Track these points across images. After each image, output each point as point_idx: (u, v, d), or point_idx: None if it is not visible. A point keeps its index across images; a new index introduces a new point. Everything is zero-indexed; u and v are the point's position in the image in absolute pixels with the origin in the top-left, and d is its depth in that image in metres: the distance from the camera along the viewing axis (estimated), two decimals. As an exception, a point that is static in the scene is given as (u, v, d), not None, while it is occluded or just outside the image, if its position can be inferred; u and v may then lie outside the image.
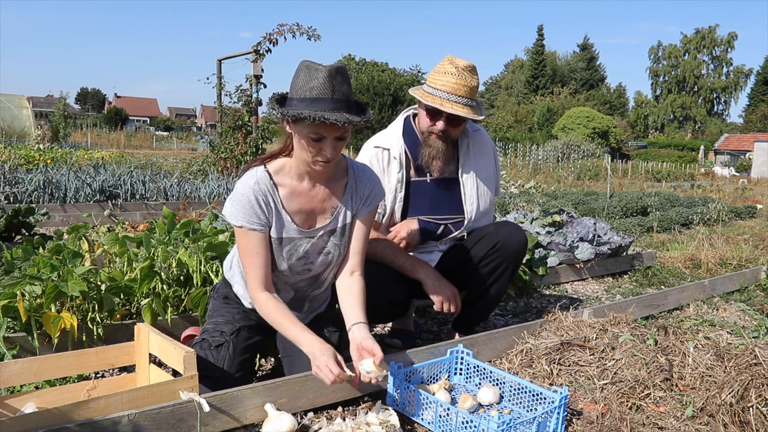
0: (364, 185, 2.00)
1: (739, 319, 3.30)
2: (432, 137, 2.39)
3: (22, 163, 8.80)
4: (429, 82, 2.36)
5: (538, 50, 59.62)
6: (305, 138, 1.75)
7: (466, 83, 2.29)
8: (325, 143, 1.76)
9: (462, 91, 2.28)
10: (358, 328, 1.87)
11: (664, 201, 8.89)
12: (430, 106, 2.31)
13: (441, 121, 2.34)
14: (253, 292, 1.88)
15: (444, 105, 2.28)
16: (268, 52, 8.82)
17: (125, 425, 1.53)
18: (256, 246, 1.85)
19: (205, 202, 6.75)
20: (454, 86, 2.28)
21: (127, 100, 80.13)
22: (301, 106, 1.72)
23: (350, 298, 1.95)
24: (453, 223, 2.51)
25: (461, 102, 2.29)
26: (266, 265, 1.87)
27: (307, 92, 1.72)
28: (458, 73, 2.29)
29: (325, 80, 1.72)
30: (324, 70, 1.72)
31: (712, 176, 21.99)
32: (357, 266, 2.01)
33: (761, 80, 57.42)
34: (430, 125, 2.37)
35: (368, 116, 1.79)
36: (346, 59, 43.59)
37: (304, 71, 1.75)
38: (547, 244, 4.20)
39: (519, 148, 25.21)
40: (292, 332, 1.83)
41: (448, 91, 2.28)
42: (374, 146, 2.47)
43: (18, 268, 2.44)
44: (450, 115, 2.32)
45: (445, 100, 2.29)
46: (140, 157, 13.96)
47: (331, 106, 1.72)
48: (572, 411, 2.00)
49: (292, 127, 1.79)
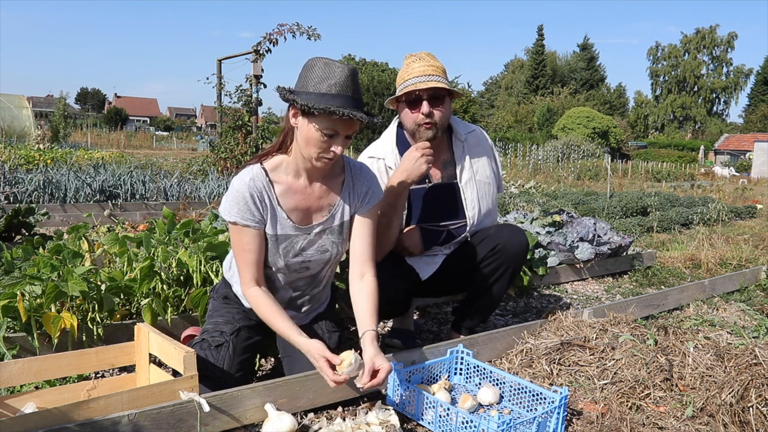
0: (361, 183, 2.00)
1: (739, 319, 3.30)
2: (421, 129, 2.34)
3: (22, 163, 8.80)
4: (398, 83, 2.37)
5: (538, 50, 59.63)
6: (317, 133, 1.75)
7: (431, 64, 2.31)
8: (336, 140, 1.78)
9: (430, 70, 2.29)
10: (368, 339, 1.84)
11: (664, 201, 8.89)
12: (405, 92, 2.29)
13: (424, 104, 2.29)
14: (245, 287, 1.89)
15: (418, 85, 2.27)
16: (268, 52, 8.82)
17: (125, 425, 1.53)
18: (249, 242, 1.85)
19: (205, 202, 6.75)
20: (421, 69, 2.29)
21: (127, 100, 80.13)
22: (322, 100, 1.72)
23: (361, 303, 1.94)
24: (456, 228, 2.50)
25: (434, 79, 2.28)
26: (258, 261, 1.88)
27: (326, 87, 1.72)
28: (420, 59, 2.32)
29: (347, 78, 1.74)
30: (345, 68, 1.75)
31: (712, 176, 22.00)
32: (366, 267, 1.99)
33: (761, 80, 57.44)
34: (415, 116, 2.33)
35: (379, 118, 1.84)
36: (346, 59, 43.54)
37: (321, 66, 1.75)
38: (547, 244, 4.20)
39: (519, 148, 25.22)
40: (281, 327, 1.83)
41: (417, 75, 2.28)
42: (369, 157, 2.44)
43: (18, 268, 2.44)
44: (430, 95, 2.29)
45: (418, 81, 2.28)
46: (140, 157, 13.96)
47: (352, 104, 1.74)
48: (572, 411, 2.00)
49: (301, 121, 1.78)
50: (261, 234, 1.87)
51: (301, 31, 8.68)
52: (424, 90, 2.27)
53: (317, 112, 1.71)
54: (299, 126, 1.79)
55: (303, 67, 1.80)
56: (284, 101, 1.82)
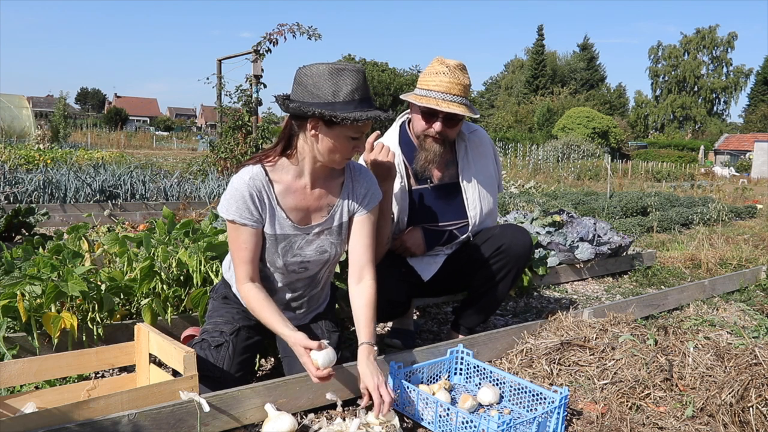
0: (360, 184, 2.00)
1: (739, 319, 3.30)
2: (428, 140, 2.34)
3: (22, 163, 8.80)
4: (421, 85, 2.31)
5: (538, 50, 59.61)
6: (344, 140, 1.79)
7: (459, 81, 2.26)
8: (360, 141, 1.84)
9: (456, 89, 2.25)
10: (362, 354, 1.85)
11: (664, 201, 8.89)
12: (426, 107, 2.27)
13: (438, 123, 2.29)
14: (239, 284, 1.90)
15: (440, 105, 2.24)
16: (268, 52, 8.81)
17: (125, 425, 1.53)
18: (245, 241, 1.86)
19: (205, 202, 6.75)
20: (447, 85, 2.24)
21: (127, 100, 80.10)
22: (349, 108, 1.73)
23: (358, 309, 1.95)
24: (458, 228, 2.49)
25: (456, 101, 2.25)
26: (254, 260, 1.88)
27: (348, 95, 1.74)
28: (450, 72, 2.25)
29: (364, 80, 1.78)
30: (359, 71, 1.78)
31: (712, 176, 22.00)
32: (365, 270, 1.99)
33: (761, 80, 57.43)
34: (426, 128, 2.32)
35: (393, 113, 1.94)
36: (346, 59, 43.56)
37: (332, 73, 1.74)
38: (547, 244, 4.20)
39: (519, 148, 25.23)
40: (268, 318, 1.84)
41: (443, 91, 2.24)
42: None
43: (18, 268, 2.44)
44: (447, 115, 2.28)
45: (440, 99, 2.24)
46: (140, 157, 13.96)
47: (373, 105, 1.80)
48: (572, 411, 2.00)
49: (324, 130, 1.77)
50: (258, 233, 1.87)
51: (302, 31, 8.67)
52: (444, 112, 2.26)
53: (350, 123, 1.73)
54: (321, 136, 1.79)
55: (303, 76, 1.77)
56: (303, 116, 1.77)
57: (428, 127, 2.32)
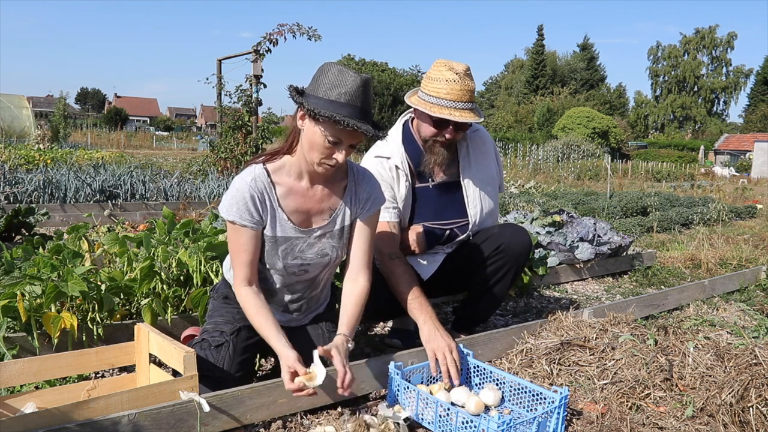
0: (363, 188, 2.00)
1: (739, 319, 3.30)
2: (437, 146, 2.34)
3: (22, 163, 8.80)
4: (428, 90, 2.28)
5: (538, 50, 59.61)
6: (321, 139, 1.75)
7: (469, 88, 2.24)
8: (339, 147, 1.77)
9: (467, 96, 2.24)
10: (338, 341, 1.85)
11: (664, 201, 8.89)
12: (438, 117, 2.24)
13: (450, 130, 2.28)
14: (237, 286, 1.89)
15: (453, 114, 2.22)
16: (268, 52, 8.82)
17: (125, 425, 1.53)
18: (245, 243, 1.85)
19: (205, 202, 6.75)
20: (459, 93, 2.22)
21: (127, 100, 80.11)
22: (330, 107, 1.71)
23: (345, 305, 1.96)
24: (458, 226, 2.49)
25: (468, 107, 2.24)
26: (253, 262, 1.88)
27: (336, 95, 1.72)
28: (461, 79, 2.23)
29: (358, 88, 1.73)
30: (358, 78, 1.73)
31: (712, 176, 22.00)
32: (361, 273, 1.99)
33: (761, 80, 57.43)
34: (436, 133, 2.31)
35: (386, 133, 1.82)
36: (346, 59, 43.54)
37: (334, 73, 1.74)
38: (547, 244, 4.20)
39: (519, 148, 25.24)
40: (262, 327, 1.83)
41: (455, 99, 2.22)
42: (375, 156, 2.42)
43: (18, 268, 2.44)
44: (458, 123, 2.27)
45: (453, 108, 2.23)
46: (140, 157, 13.96)
47: (359, 115, 1.73)
48: (572, 411, 2.00)
49: (308, 124, 1.77)
50: (258, 235, 1.87)
51: (302, 32, 8.67)
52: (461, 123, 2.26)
53: (323, 119, 1.72)
54: (305, 129, 1.79)
55: (317, 70, 1.79)
56: (294, 102, 1.81)
57: (438, 133, 2.31)
